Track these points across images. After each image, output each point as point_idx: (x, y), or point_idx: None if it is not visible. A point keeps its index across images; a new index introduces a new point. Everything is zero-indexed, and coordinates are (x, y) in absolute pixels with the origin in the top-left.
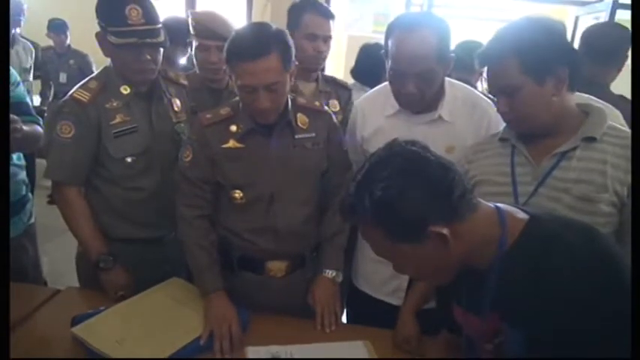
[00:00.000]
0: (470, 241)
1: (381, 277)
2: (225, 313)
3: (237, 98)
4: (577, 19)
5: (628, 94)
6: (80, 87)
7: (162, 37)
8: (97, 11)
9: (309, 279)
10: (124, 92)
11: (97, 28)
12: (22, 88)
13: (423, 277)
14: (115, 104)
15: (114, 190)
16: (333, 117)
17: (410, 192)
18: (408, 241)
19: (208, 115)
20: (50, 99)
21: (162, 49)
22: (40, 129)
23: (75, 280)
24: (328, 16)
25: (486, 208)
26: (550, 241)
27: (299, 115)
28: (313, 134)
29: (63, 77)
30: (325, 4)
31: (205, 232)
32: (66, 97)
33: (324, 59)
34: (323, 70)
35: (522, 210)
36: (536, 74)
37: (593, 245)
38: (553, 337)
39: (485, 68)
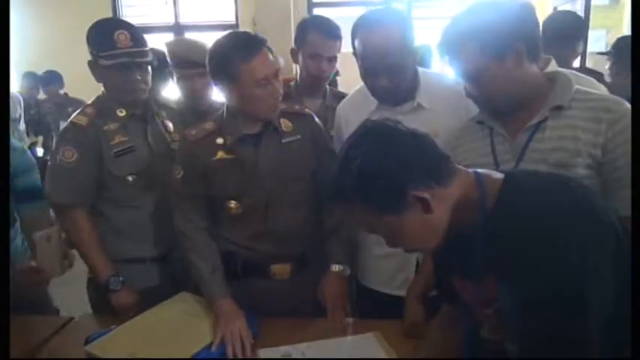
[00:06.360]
0: (452, 204)
1: (387, 272)
2: (234, 317)
3: (220, 112)
4: (555, 9)
5: None
6: (77, 113)
7: (150, 57)
8: (87, 40)
9: (315, 279)
10: (121, 115)
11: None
12: (37, 175)
13: (413, 245)
14: (112, 126)
15: (117, 211)
16: (315, 118)
17: (386, 162)
18: (392, 212)
19: (193, 132)
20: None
21: (151, 70)
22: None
23: None
24: (334, 36)
25: (464, 172)
26: (527, 194)
27: (283, 119)
28: (299, 136)
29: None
30: (333, 23)
31: (205, 242)
32: (65, 124)
33: (326, 79)
34: (336, 84)
35: (498, 170)
36: (495, 53)
37: (570, 191)
38: (545, 293)
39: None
